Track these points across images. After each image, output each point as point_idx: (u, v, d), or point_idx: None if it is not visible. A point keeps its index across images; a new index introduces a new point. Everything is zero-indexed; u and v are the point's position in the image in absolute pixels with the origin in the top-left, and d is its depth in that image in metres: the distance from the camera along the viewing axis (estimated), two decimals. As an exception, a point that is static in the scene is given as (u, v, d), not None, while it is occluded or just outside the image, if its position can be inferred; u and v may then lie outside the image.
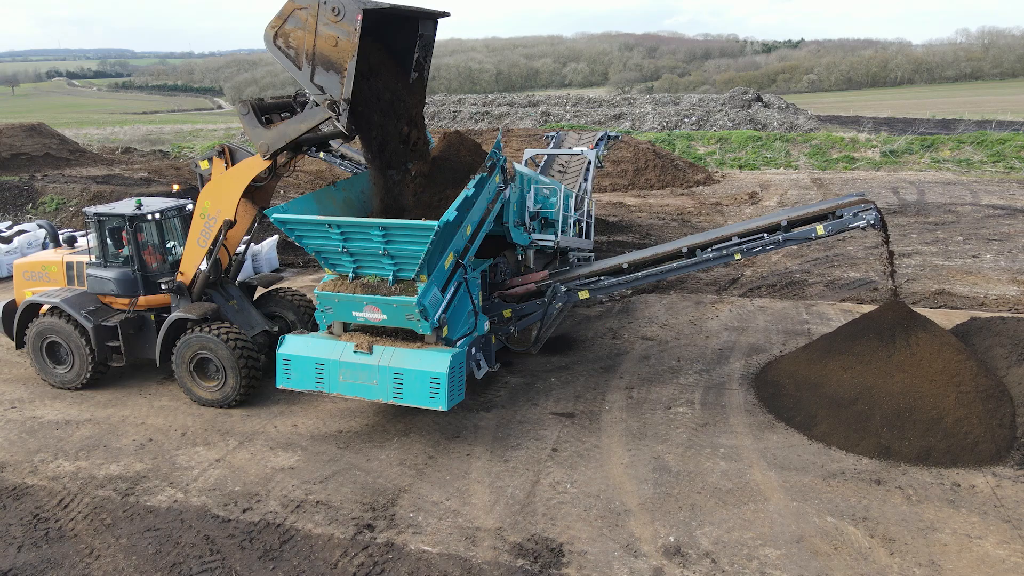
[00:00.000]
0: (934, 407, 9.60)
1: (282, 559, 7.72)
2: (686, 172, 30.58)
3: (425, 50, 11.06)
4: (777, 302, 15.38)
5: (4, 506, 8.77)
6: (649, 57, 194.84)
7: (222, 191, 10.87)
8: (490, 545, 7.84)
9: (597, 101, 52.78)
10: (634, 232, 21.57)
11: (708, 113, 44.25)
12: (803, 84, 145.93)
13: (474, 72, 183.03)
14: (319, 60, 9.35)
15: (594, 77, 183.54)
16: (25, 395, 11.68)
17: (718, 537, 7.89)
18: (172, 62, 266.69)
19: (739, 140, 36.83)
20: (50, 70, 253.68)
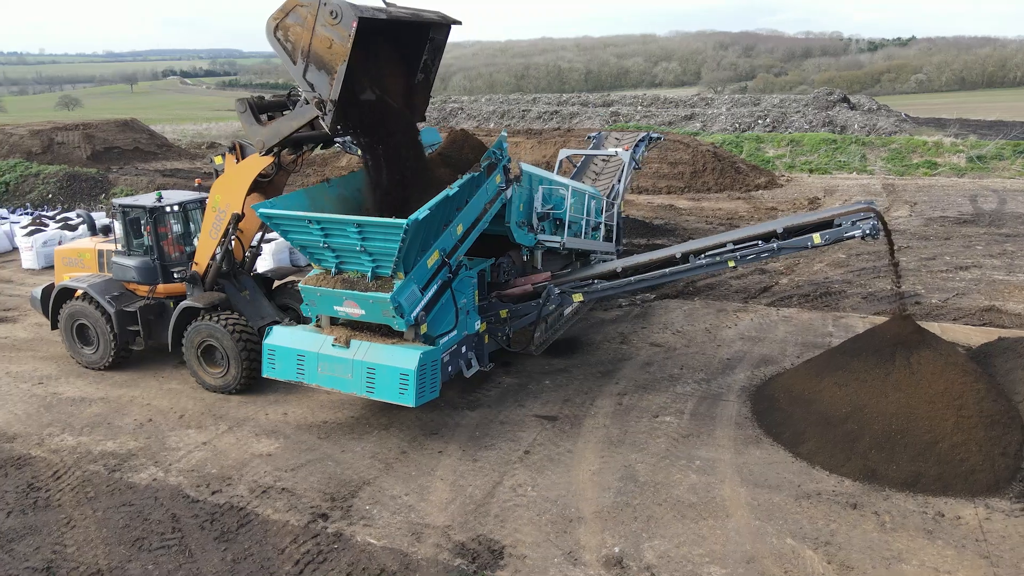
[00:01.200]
0: (929, 431, 9.02)
1: (235, 541, 8.02)
2: (747, 175, 29.65)
3: (434, 53, 11.24)
4: (805, 313, 14.74)
5: (6, 474, 9.47)
6: (745, 56, 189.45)
7: (230, 185, 11.35)
8: (434, 542, 7.91)
9: (673, 101, 51.73)
10: (676, 236, 21.10)
11: (784, 114, 42.70)
12: (910, 84, 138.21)
13: (563, 71, 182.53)
14: (313, 59, 9.63)
15: (686, 77, 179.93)
16: (53, 372, 12.54)
17: (665, 551, 7.69)
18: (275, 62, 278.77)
19: (812, 143, 35.37)
20: (166, 69, 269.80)
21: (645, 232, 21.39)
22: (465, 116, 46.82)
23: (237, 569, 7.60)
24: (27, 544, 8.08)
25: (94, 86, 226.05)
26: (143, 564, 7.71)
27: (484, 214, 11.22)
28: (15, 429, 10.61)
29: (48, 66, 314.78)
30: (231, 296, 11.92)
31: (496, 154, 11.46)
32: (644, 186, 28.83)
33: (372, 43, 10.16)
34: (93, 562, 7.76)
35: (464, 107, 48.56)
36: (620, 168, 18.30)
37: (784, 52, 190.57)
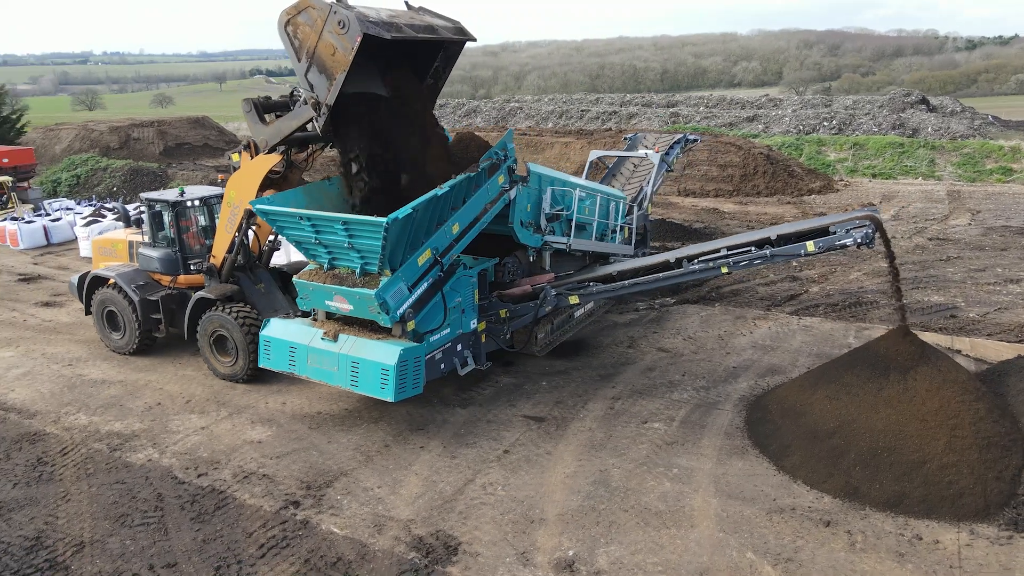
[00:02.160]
0: (918, 450, 8.63)
1: (209, 523, 8.39)
2: (801, 179, 28.75)
3: (447, 61, 11.45)
4: (828, 323, 14.26)
5: (20, 447, 10.16)
6: (830, 55, 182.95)
7: (243, 182, 11.82)
8: (394, 535, 8.08)
9: (740, 102, 50.51)
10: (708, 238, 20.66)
11: (853, 116, 41.13)
12: (1010, 85, 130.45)
13: (639, 71, 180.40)
14: (316, 60, 9.94)
15: (766, 77, 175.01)
16: (84, 355, 13.34)
17: (619, 558, 7.63)
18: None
19: (876, 146, 33.99)
20: (252, 68, 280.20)
21: (682, 236, 21.06)
22: (524, 115, 46.99)
23: (205, 549, 7.95)
24: (24, 514, 8.66)
25: (187, 84, 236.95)
26: (122, 539, 8.16)
27: (484, 214, 11.32)
28: (38, 406, 11.35)
29: (146, 65, 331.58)
30: (246, 289, 12.41)
31: (498, 154, 11.55)
32: (691, 188, 28.36)
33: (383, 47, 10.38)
34: (79, 534, 8.26)
35: (524, 107, 48.71)
36: (651, 170, 18.07)
37: (873, 51, 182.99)
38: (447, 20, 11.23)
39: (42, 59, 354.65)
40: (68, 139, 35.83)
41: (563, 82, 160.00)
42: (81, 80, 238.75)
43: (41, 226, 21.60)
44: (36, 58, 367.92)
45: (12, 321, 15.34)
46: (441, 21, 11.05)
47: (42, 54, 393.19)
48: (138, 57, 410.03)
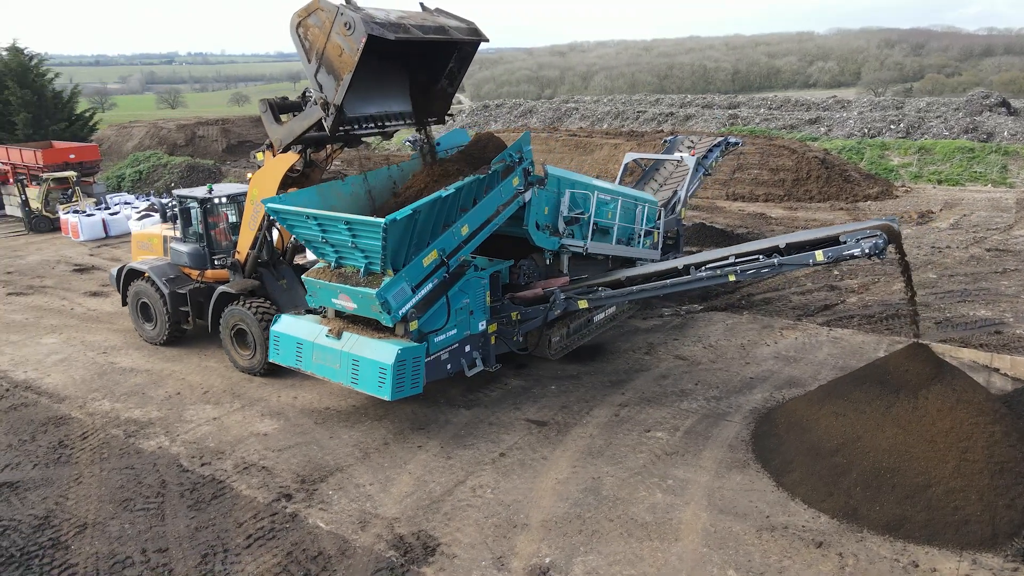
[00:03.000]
0: (923, 472, 8.23)
1: (204, 511, 8.66)
2: (858, 184, 27.72)
3: (461, 62, 11.54)
4: (859, 335, 13.72)
5: (46, 430, 10.70)
6: (913, 55, 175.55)
7: (264, 180, 12.14)
8: (376, 532, 8.17)
9: (804, 104, 48.97)
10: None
11: (922, 120, 39.36)
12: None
13: (709, 71, 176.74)
14: (324, 62, 10.15)
15: (844, 77, 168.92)
16: (118, 344, 13.95)
17: (596, 568, 7.53)
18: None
19: (944, 151, 32.48)
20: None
21: (723, 241, 20.56)
22: (579, 116, 46.70)
23: (196, 536, 8.21)
24: (38, 494, 9.11)
25: (263, 83, 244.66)
26: (121, 522, 8.50)
27: (496, 216, 11.33)
28: (68, 391, 11.93)
29: (227, 65, 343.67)
30: (268, 284, 12.76)
31: (512, 157, 11.55)
32: (740, 193, 27.70)
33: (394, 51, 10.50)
34: (84, 516, 8.64)
35: (580, 107, 48.42)
36: (686, 174, 17.76)
37: (960, 50, 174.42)
38: (461, 21, 11.28)
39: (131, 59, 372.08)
40: (139, 136, 37.48)
41: (630, 82, 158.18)
42: (166, 79, 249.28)
43: (100, 219, 22.69)
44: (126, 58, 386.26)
45: (61, 309, 16.16)
46: (454, 22, 11.11)
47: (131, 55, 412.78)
48: (219, 57, 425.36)
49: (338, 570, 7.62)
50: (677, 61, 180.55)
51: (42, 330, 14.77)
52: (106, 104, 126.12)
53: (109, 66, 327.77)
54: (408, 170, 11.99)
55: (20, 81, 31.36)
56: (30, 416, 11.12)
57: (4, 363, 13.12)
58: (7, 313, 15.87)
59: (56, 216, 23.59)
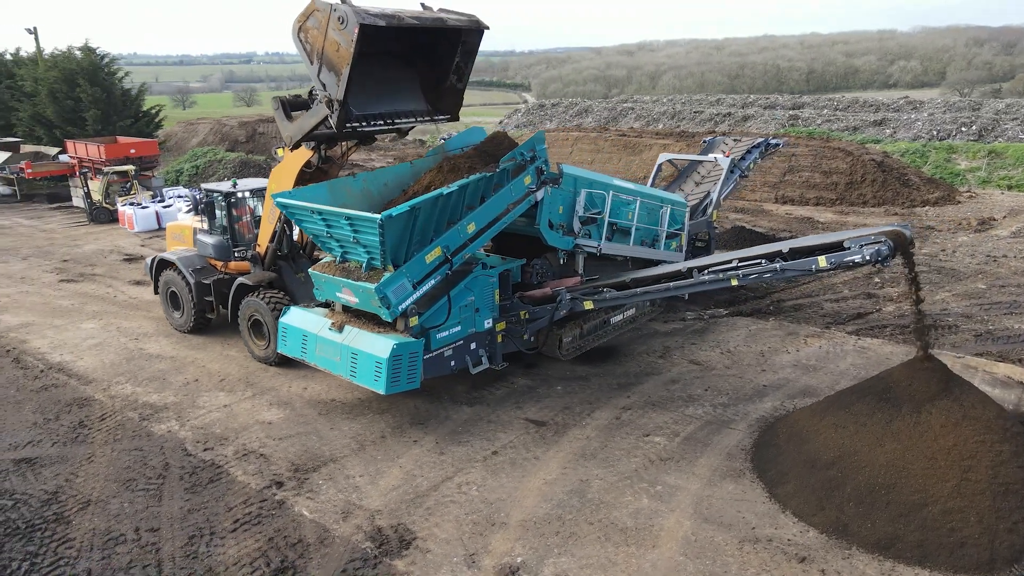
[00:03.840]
0: (920, 490, 7.85)
1: (199, 494, 8.96)
2: (917, 189, 26.54)
3: (466, 56, 11.58)
4: (889, 346, 13.16)
5: (70, 410, 11.24)
6: (1004, 54, 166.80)
7: (281, 176, 12.46)
8: (356, 523, 8.29)
9: (873, 105, 47.20)
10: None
11: (997, 122, 37.41)
12: None
13: (782, 71, 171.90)
14: (325, 60, 10.37)
15: (927, 77, 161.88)
16: (150, 331, 14.54)
17: (566, 570, 7.47)
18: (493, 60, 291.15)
19: (1018, 155, 30.76)
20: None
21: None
22: (634, 116, 46.15)
23: (187, 518, 8.50)
24: (52, 471, 9.59)
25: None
26: (122, 501, 8.87)
27: (506, 214, 11.33)
28: (96, 374, 12.50)
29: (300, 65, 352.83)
30: (286, 277, 13.09)
31: (524, 155, 11.53)
32: (789, 196, 26.91)
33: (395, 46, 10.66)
34: (88, 493, 9.06)
35: (636, 107, 47.84)
36: (720, 176, 17.38)
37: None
38: (461, 15, 11.32)
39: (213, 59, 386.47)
40: (203, 133, 38.90)
41: (699, 82, 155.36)
42: (244, 78, 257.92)
43: (154, 211, 23.69)
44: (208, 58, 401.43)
45: (104, 296, 16.94)
46: (454, 15, 11.17)
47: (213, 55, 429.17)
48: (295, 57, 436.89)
49: (314, 558, 7.77)
50: (749, 60, 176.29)
51: (84, 316, 15.52)
52: (187, 102, 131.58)
53: (192, 66, 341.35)
54: (421, 167, 12.10)
55: (91, 79, 33.04)
56: (58, 396, 11.70)
57: (44, 346, 13.84)
58: (56, 298, 16.73)
59: (115, 208, 24.75)
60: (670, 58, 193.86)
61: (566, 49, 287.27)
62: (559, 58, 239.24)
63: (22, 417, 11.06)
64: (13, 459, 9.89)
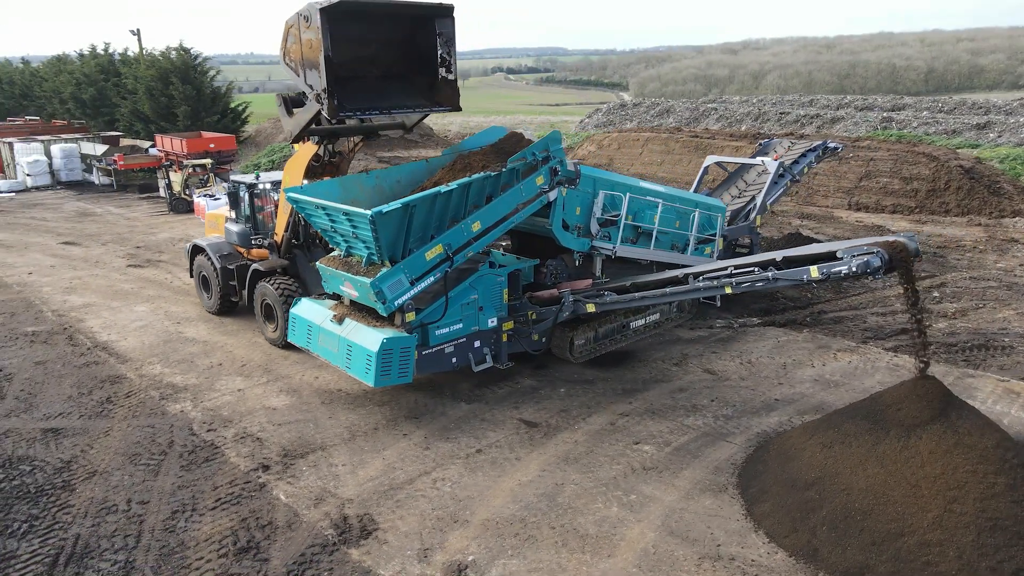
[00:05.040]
0: (897, 519, 7.37)
1: (191, 471, 9.44)
2: (1009, 198, 24.62)
3: (447, 46, 11.81)
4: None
5: (103, 387, 12.05)
6: None
7: (292, 169, 13.10)
8: (325, 510, 8.53)
9: (983, 107, 44.09)
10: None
11: (1118, 127, 34.20)
12: None
13: (898, 70, 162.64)
14: (306, 63, 10.97)
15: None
16: (192, 316, 15.36)
17: (513, 572, 7.44)
18: (593, 59, 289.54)
19: None
20: (494, 67, 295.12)
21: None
22: (717, 117, 44.84)
23: (176, 494, 8.97)
24: (72, 441, 10.32)
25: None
26: (123, 474, 9.45)
27: (514, 214, 11.37)
28: (134, 354, 13.34)
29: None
30: (300, 264, 13.72)
31: (535, 155, 11.52)
32: (864, 202, 25.57)
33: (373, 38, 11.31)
34: (97, 464, 9.70)
35: (719, 108, 46.48)
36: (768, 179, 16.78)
37: None
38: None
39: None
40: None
41: (806, 82, 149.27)
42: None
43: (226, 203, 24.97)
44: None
45: (163, 282, 18.01)
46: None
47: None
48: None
49: (279, 540, 8.04)
50: (862, 59, 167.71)
51: (140, 299, 16.57)
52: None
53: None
54: (436, 165, 12.26)
55: (183, 78, 35.17)
56: (95, 373, 12.56)
57: (97, 326, 14.88)
58: (119, 282, 17.93)
59: (192, 199, 26.24)
60: (776, 56, 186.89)
61: (668, 48, 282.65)
62: (658, 56, 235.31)
63: (61, 390, 11.94)
64: (42, 428, 10.70)
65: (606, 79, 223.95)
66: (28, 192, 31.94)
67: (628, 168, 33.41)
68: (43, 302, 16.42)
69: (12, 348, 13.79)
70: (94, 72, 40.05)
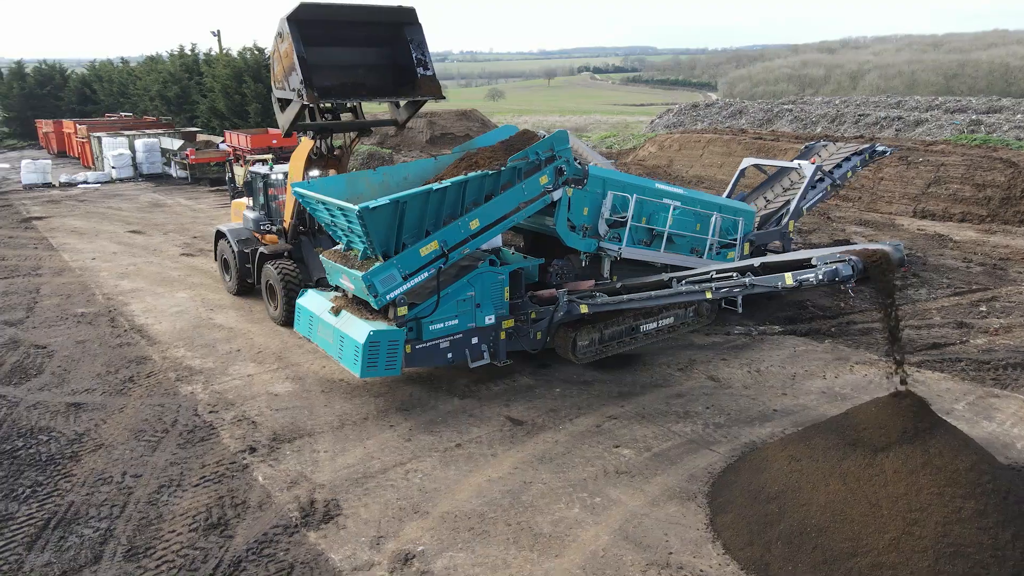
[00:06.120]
0: (852, 538, 7.07)
1: (186, 449, 9.96)
2: (1093, 209, 22.90)
3: (420, 49, 12.82)
4: (949, 382, 11.69)
5: (129, 366, 12.82)
6: None
7: (295, 162, 14.08)
8: (296, 493, 8.85)
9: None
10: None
11: None
12: None
13: (1011, 70, 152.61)
14: (287, 72, 12.09)
15: None
16: (226, 304, 16.10)
17: (457, 565, 7.55)
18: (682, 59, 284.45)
19: None
20: (581, 66, 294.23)
21: (866, 261, 18.32)
22: (791, 119, 43.33)
23: (167, 470, 9.49)
24: (89, 415, 11.05)
25: (522, 80, 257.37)
26: (125, 448, 10.07)
27: (515, 212, 11.47)
28: (164, 337, 14.13)
29: (492, 63, 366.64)
30: (304, 250, 14.55)
31: (538, 154, 11.57)
32: (932, 210, 24.27)
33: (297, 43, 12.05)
34: (104, 437, 10.36)
35: (793, 109, 44.93)
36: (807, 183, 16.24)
37: None
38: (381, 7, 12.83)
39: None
40: (359, 126, 41.81)
41: (908, 82, 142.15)
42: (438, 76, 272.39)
43: (282, 197, 26.05)
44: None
45: (207, 270, 18.92)
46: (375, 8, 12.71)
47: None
48: (487, 56, 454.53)
49: (247, 519, 8.41)
50: (971, 58, 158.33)
51: (183, 286, 17.49)
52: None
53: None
54: (445, 163, 12.45)
55: (255, 76, 36.76)
56: (126, 354, 13.38)
57: (138, 310, 15.81)
58: (168, 270, 18.97)
59: (252, 192, 27.48)
60: (876, 55, 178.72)
61: (762, 47, 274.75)
62: (750, 56, 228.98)
63: (93, 368, 12.78)
64: (67, 402, 11.50)
65: (694, 79, 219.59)
66: (112, 183, 34.12)
67: (688, 170, 32.80)
68: (97, 286, 17.56)
69: (60, 327, 14.83)
70: (179, 71, 42.41)
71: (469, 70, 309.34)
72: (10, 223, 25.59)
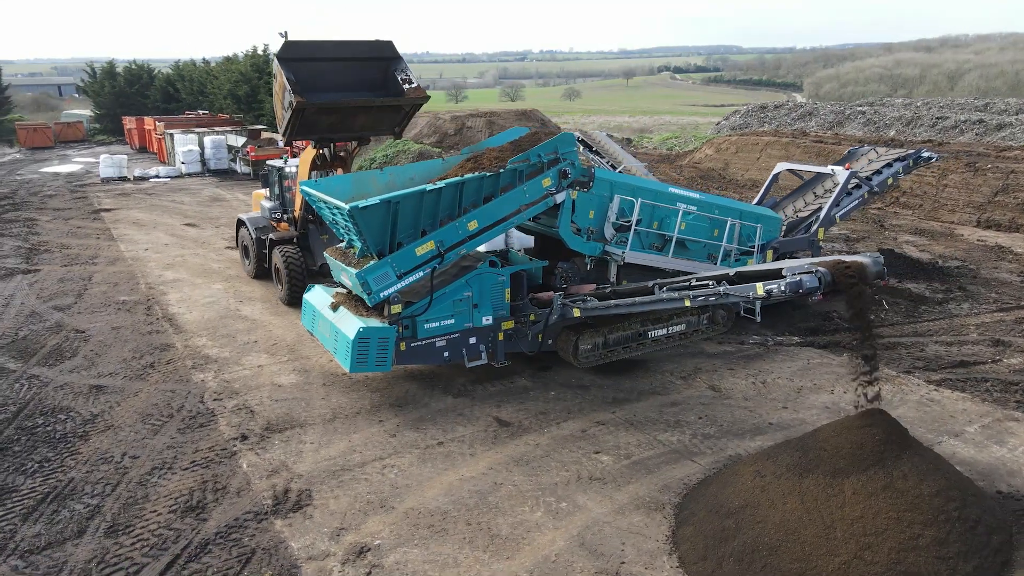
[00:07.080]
0: (803, 559, 6.83)
1: (184, 435, 10.43)
2: None
3: (404, 72, 14.26)
4: (968, 402, 11.08)
5: (153, 353, 13.50)
6: None
7: (302, 164, 15.28)
8: (274, 482, 9.15)
9: None
10: (949, 281, 16.84)
11: None
12: None
13: None
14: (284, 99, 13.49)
15: None
16: (256, 296, 16.71)
17: (408, 561, 7.67)
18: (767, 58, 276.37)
19: None
20: (661, 65, 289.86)
21: (909, 273, 17.53)
22: (863, 122, 41.50)
23: (163, 453, 9.98)
24: (108, 397, 11.71)
25: (600, 79, 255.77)
26: (129, 430, 10.62)
27: (516, 214, 11.50)
28: (189, 327, 14.79)
29: (572, 62, 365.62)
30: (311, 237, 15.75)
31: (541, 157, 11.58)
32: (997, 220, 22.93)
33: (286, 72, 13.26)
34: (114, 420, 10.96)
35: (867, 111, 43.00)
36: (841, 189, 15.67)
37: None
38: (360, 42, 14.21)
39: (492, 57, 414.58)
40: (420, 126, 42.46)
41: (1011, 83, 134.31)
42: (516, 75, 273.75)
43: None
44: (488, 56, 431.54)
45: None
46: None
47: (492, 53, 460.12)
48: (566, 55, 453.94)
49: (223, 504, 8.76)
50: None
51: (220, 278, 18.25)
52: (459, 96, 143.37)
53: (473, 63, 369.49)
54: (451, 163, 12.58)
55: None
56: (152, 341, 14.09)
57: (174, 299, 16.60)
58: (210, 262, 19.81)
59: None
60: (978, 55, 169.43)
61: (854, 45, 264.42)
62: (839, 55, 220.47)
63: (121, 353, 13.52)
64: (91, 384, 12.21)
65: (779, 79, 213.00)
66: (180, 178, 35.85)
67: (743, 173, 31.98)
68: (143, 276, 18.52)
69: (102, 313, 15.73)
70: (249, 71, 44.09)
71: (547, 69, 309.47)
72: (81, 214, 27.24)
